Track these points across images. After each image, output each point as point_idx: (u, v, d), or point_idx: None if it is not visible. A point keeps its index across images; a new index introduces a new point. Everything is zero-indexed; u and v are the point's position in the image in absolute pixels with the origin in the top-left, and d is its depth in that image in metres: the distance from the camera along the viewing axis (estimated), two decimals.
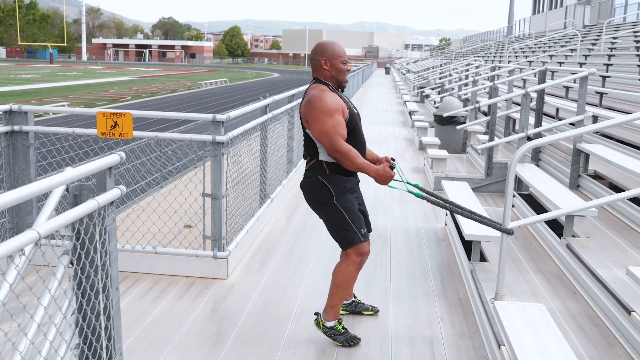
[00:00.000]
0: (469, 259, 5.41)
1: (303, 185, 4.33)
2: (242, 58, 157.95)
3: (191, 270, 5.54)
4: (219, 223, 5.46)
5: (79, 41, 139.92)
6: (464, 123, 12.23)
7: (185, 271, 5.55)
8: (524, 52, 28.85)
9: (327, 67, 4.18)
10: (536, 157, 8.62)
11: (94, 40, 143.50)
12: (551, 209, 5.55)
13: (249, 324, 4.62)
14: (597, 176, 7.17)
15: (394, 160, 4.26)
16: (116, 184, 3.25)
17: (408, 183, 4.29)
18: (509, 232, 4.31)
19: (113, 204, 3.19)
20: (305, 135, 4.23)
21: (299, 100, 9.46)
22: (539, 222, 4.93)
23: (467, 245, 5.69)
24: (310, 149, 4.24)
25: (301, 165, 9.96)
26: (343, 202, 4.17)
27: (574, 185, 7.24)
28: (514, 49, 30.61)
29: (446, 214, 7.32)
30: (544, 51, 25.56)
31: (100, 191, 3.13)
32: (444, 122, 12.37)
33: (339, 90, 4.28)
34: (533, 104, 8.64)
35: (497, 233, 5.19)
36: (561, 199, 5.47)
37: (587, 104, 7.99)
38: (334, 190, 4.15)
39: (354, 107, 4.33)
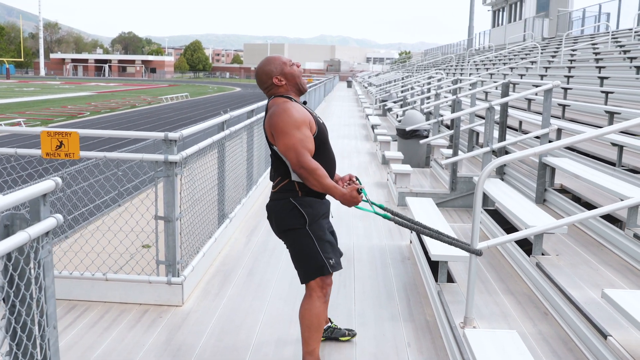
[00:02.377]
0: (436, 280, 5.20)
1: (271, 209, 3.94)
2: (204, 72, 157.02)
3: (144, 297, 5.22)
4: (173, 247, 5.16)
5: (37, 56, 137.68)
6: (427, 137, 12.10)
7: (138, 298, 5.22)
8: (484, 64, 29.04)
9: (282, 82, 3.88)
10: (500, 170, 8.48)
11: (52, 55, 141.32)
12: (520, 227, 5.38)
13: (206, 356, 4.33)
14: (563, 190, 7.04)
15: (357, 179, 3.99)
16: (59, 210, 2.98)
17: (373, 204, 4.04)
18: (478, 253, 4.11)
19: (49, 235, 2.89)
20: (273, 152, 3.88)
21: (259, 116, 9.23)
22: (508, 242, 4.75)
23: (434, 264, 5.47)
24: (279, 169, 3.88)
25: (262, 182, 9.69)
26: (316, 229, 3.83)
27: (540, 200, 7.10)
28: (474, 61, 30.81)
29: (411, 232, 7.12)
30: (504, 63, 25.76)
31: (34, 220, 2.83)
32: (406, 136, 12.23)
33: (303, 103, 4.00)
34: (496, 117, 8.52)
35: (465, 253, 5.00)
36: (530, 217, 5.28)
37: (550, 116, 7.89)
38: (308, 216, 3.80)
39: (320, 118, 4.02)
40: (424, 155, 12.38)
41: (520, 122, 10.84)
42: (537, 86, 10.30)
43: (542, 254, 5.18)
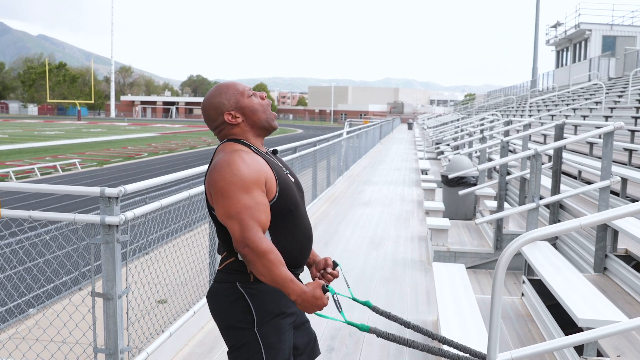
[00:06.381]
0: None
1: (212, 293, 2.75)
2: None
3: None
4: (114, 332, 4.06)
5: (109, 98, 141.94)
6: (474, 184, 10.81)
7: None
8: (546, 105, 27.50)
9: (238, 120, 2.70)
10: None
11: (122, 98, 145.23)
12: (572, 319, 4.07)
13: None
14: (629, 256, 5.69)
15: (337, 265, 2.80)
16: None
17: (355, 300, 2.85)
18: None
19: None
20: (214, 218, 2.71)
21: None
22: (542, 353, 3.48)
23: None
24: (226, 239, 2.69)
25: None
26: (267, 334, 2.63)
27: (600, 269, 5.76)
28: (536, 102, 29.25)
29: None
30: (567, 104, 24.18)
31: None
32: (451, 183, 10.96)
33: (273, 152, 2.83)
34: (550, 164, 7.23)
35: None
36: (582, 305, 3.97)
37: (613, 162, 6.58)
38: (257, 313, 2.62)
39: (291, 174, 2.80)
40: (472, 205, 11.06)
41: (580, 171, 9.45)
42: (598, 127, 8.95)
43: (598, 354, 3.87)
